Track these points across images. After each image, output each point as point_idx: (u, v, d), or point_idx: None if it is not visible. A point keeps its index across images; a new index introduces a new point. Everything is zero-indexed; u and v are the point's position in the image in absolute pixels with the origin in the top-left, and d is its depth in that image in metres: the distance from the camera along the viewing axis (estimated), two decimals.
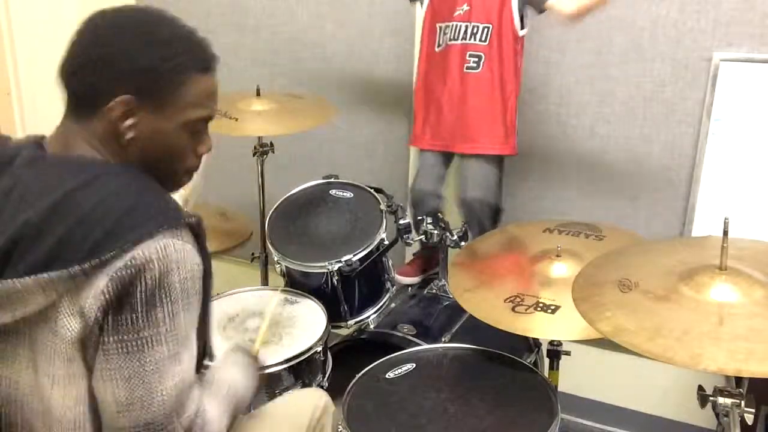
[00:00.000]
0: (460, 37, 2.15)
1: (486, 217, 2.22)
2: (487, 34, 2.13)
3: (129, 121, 1.03)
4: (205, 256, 1.02)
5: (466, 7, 2.13)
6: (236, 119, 2.14)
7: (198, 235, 1.02)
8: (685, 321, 1.16)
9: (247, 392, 1.24)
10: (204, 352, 1.13)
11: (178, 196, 2.17)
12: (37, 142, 1.09)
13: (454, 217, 2.27)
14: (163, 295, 0.94)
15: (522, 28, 2.16)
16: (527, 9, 2.16)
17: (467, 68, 2.16)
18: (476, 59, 2.15)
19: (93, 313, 0.92)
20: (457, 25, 2.15)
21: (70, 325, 0.93)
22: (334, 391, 1.68)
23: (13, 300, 0.92)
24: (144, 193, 1.00)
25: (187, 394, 1.00)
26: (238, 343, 1.39)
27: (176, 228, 0.97)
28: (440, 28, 2.20)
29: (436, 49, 2.22)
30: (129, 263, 0.92)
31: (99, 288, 0.92)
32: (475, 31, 2.13)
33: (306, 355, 1.77)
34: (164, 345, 0.96)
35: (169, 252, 0.94)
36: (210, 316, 1.10)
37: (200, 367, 1.11)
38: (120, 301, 0.92)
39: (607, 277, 1.34)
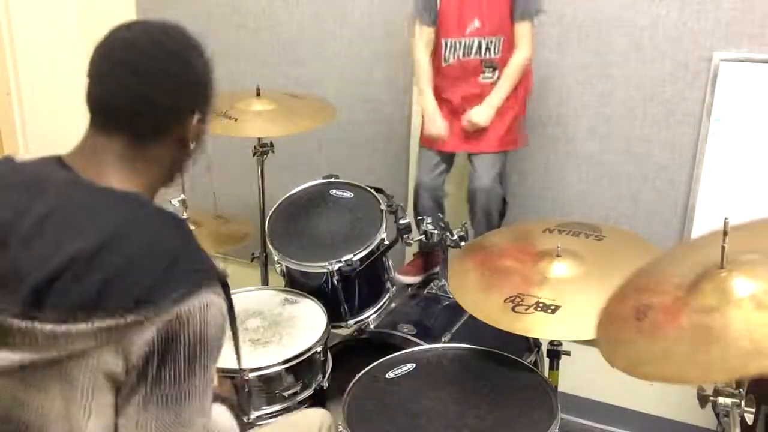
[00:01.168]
0: (474, 52, 2.16)
1: (494, 208, 2.22)
2: (499, 46, 2.15)
3: (196, 131, 1.09)
4: (231, 307, 1.04)
5: (477, 24, 2.13)
6: (236, 119, 2.14)
7: (227, 289, 1.03)
8: (691, 337, 1.15)
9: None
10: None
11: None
12: (59, 161, 1.06)
13: (454, 217, 2.27)
14: (202, 349, 0.97)
15: None
16: None
17: (483, 78, 2.18)
18: (491, 69, 2.17)
19: (135, 359, 0.93)
20: (470, 41, 2.15)
21: (113, 362, 0.93)
22: (334, 391, 1.68)
23: (61, 342, 0.91)
24: (189, 243, 1.00)
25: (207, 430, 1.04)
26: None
27: (214, 282, 0.99)
28: (449, 43, 2.18)
29: (444, 64, 2.21)
30: (176, 317, 0.93)
31: (146, 338, 0.92)
32: (489, 45, 2.14)
33: (306, 355, 1.77)
34: (198, 397, 0.99)
35: (210, 307, 0.96)
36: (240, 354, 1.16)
37: None
38: (164, 354, 0.94)
39: (624, 304, 1.32)
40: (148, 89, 1.02)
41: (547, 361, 1.87)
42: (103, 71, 1.03)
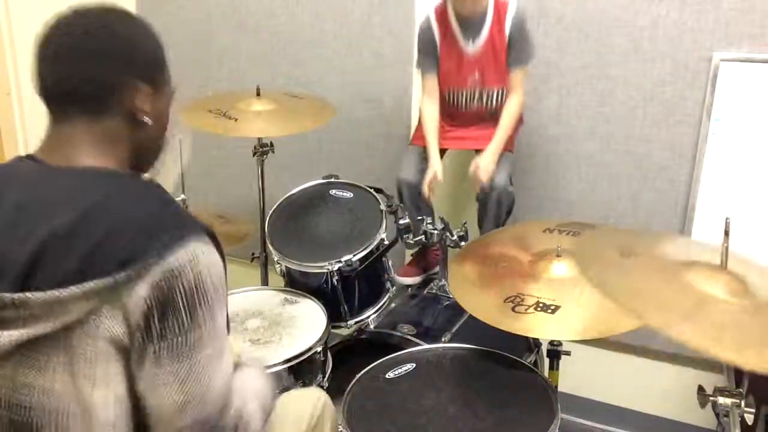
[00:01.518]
0: (476, 99, 2.18)
1: (505, 209, 2.20)
2: (501, 96, 2.16)
3: (146, 108, 1.10)
4: (223, 258, 1.07)
5: (477, 75, 2.14)
6: (236, 119, 2.14)
7: (216, 240, 1.06)
8: (668, 295, 1.18)
9: (271, 397, 1.28)
10: None
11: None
12: (28, 157, 1.09)
13: (454, 217, 2.27)
14: (201, 298, 0.99)
15: None
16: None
17: (486, 112, 2.21)
18: (494, 110, 2.19)
19: (135, 318, 0.95)
20: (471, 91, 2.17)
21: (112, 327, 0.95)
22: (334, 391, 1.68)
23: (55, 310, 0.93)
24: (166, 203, 1.05)
25: (230, 390, 1.06)
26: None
27: (201, 233, 1.01)
28: (452, 90, 2.20)
29: (447, 105, 2.22)
30: (166, 270, 0.95)
31: (140, 295, 0.94)
32: (490, 94, 2.16)
33: (306, 355, 1.77)
34: (209, 344, 1.01)
35: (200, 257, 0.99)
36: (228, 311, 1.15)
37: None
38: (163, 309, 0.96)
39: (613, 241, 1.35)
40: (82, 63, 1.05)
41: (547, 361, 1.87)
42: (42, 59, 1.07)
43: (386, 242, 2.07)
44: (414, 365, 1.70)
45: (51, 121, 1.09)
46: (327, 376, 1.86)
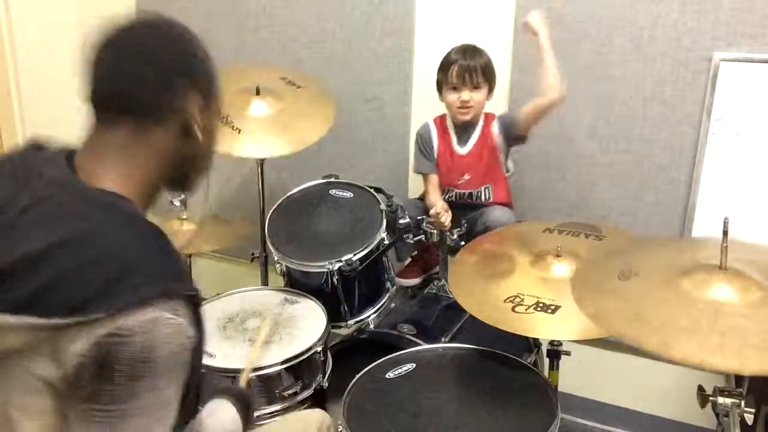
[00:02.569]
0: (466, 197, 2.30)
1: None
2: (489, 193, 2.29)
3: (201, 119, 1.07)
4: (200, 327, 0.99)
5: (467, 177, 2.28)
6: (239, 130, 2.14)
7: (195, 305, 0.97)
8: (667, 314, 1.18)
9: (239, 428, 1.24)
10: (190, 412, 1.11)
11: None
12: (68, 155, 1.05)
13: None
14: (146, 371, 0.90)
15: (507, 171, 2.34)
16: (510, 153, 2.31)
17: (478, 204, 2.30)
18: (483, 203, 2.30)
19: (69, 368, 0.89)
20: (461, 192, 2.30)
21: (46, 368, 0.90)
22: (334, 391, 1.68)
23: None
24: (149, 254, 0.96)
25: None
26: (223, 387, 1.38)
27: (171, 299, 0.92)
28: (447, 189, 2.32)
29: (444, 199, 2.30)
30: (112, 332, 0.87)
31: (78, 348, 0.88)
32: (478, 195, 2.29)
33: (306, 355, 1.77)
34: (143, 417, 0.93)
35: (158, 327, 0.90)
36: (200, 382, 1.08)
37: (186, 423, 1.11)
38: (100, 370, 0.89)
39: (611, 265, 1.36)
40: (140, 67, 1.03)
41: (547, 361, 1.87)
42: (95, 61, 1.04)
43: (386, 242, 2.07)
44: (414, 365, 1.70)
45: (93, 124, 1.05)
46: (327, 376, 1.86)
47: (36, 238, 0.92)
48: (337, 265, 1.97)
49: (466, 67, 2.16)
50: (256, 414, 1.68)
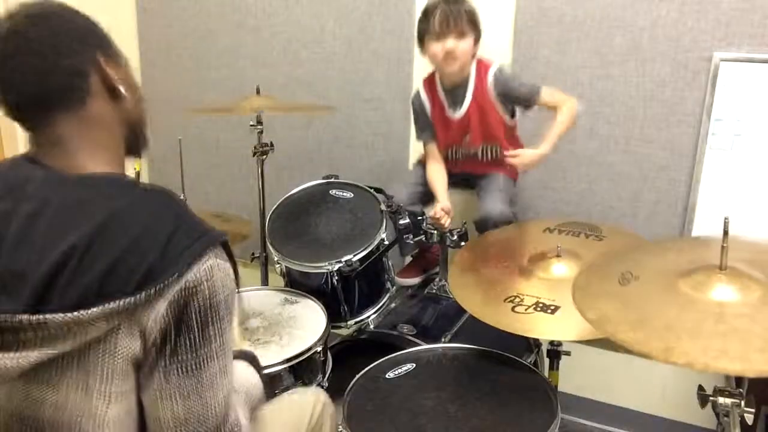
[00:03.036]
0: (472, 155, 2.24)
1: (501, 226, 2.18)
2: (496, 151, 2.22)
3: (117, 75, 1.07)
4: (236, 270, 1.06)
5: (468, 138, 2.21)
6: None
7: (229, 251, 1.05)
8: (669, 318, 1.18)
9: (260, 394, 1.30)
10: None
11: None
12: (30, 160, 1.06)
13: (454, 217, 2.27)
14: (214, 314, 0.99)
15: (513, 117, 2.23)
16: (516, 107, 2.21)
17: (488, 161, 2.24)
18: (495, 158, 2.23)
19: (153, 335, 0.95)
20: (467, 151, 2.23)
21: (130, 345, 0.95)
22: (334, 391, 1.67)
23: (74, 330, 0.92)
24: (182, 214, 1.02)
25: (230, 403, 1.05)
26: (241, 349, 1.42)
27: (215, 247, 1.00)
28: (450, 148, 2.25)
29: (449, 160, 2.26)
30: (184, 287, 0.95)
31: (160, 312, 0.94)
32: (485, 151, 2.22)
33: (306, 355, 1.77)
34: (216, 361, 1.01)
35: (215, 273, 0.98)
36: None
37: None
38: (178, 325, 0.96)
39: (611, 269, 1.36)
40: (43, 59, 1.02)
41: (547, 361, 1.87)
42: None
43: (386, 242, 2.07)
44: (414, 365, 1.70)
45: (32, 130, 1.06)
46: (327, 376, 1.86)
47: (69, 234, 0.94)
48: (336, 266, 1.97)
49: (449, 12, 2.03)
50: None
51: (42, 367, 0.94)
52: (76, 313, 0.90)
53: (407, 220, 2.09)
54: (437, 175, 2.21)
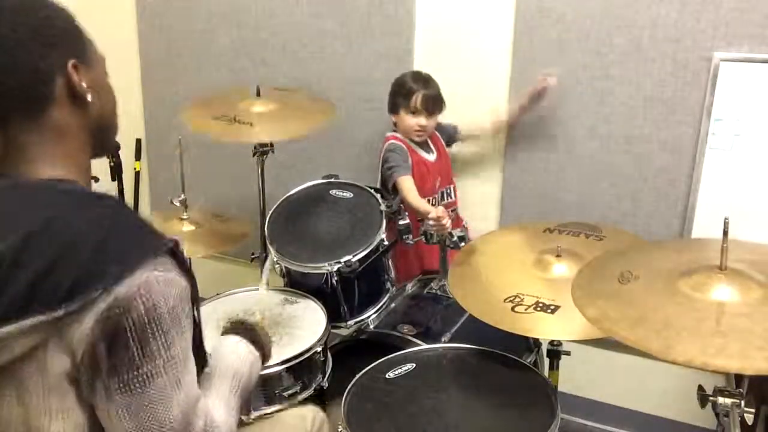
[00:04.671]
0: (439, 201, 2.44)
1: None
2: (453, 191, 2.51)
3: (84, 82, 1.02)
4: (189, 275, 1.01)
5: (438, 180, 2.44)
6: (251, 124, 2.15)
7: (177, 255, 0.99)
8: (669, 315, 1.18)
9: (252, 373, 1.25)
10: (202, 362, 1.12)
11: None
12: None
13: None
14: (155, 329, 0.93)
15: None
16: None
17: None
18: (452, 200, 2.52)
19: (81, 351, 0.90)
20: (438, 195, 2.45)
21: (60, 361, 0.91)
22: (334, 391, 1.68)
23: (1, 346, 0.89)
24: (118, 224, 0.97)
25: (192, 413, 1.00)
26: (229, 324, 1.37)
27: (154, 258, 0.94)
28: (429, 198, 2.41)
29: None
30: (113, 304, 0.90)
31: (85, 329, 0.89)
32: (448, 193, 2.49)
33: (306, 356, 1.77)
34: (164, 375, 0.96)
35: (153, 286, 0.92)
36: (201, 329, 1.09)
37: (200, 375, 1.11)
38: (110, 343, 0.91)
39: (611, 268, 1.36)
40: (1, 62, 0.97)
41: (547, 361, 1.87)
42: None
43: (386, 242, 2.06)
44: (414, 365, 1.70)
45: None
46: (327, 376, 1.86)
47: (2, 239, 0.91)
48: (336, 266, 1.96)
49: (429, 97, 2.35)
50: (256, 414, 1.69)
51: None
52: None
53: (407, 221, 2.09)
54: (420, 203, 2.29)
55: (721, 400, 1.27)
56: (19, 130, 1.00)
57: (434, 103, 2.37)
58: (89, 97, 1.03)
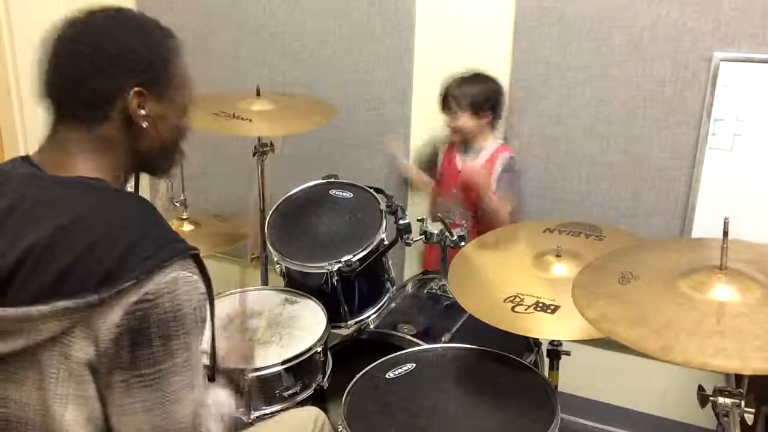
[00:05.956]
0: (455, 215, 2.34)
1: None
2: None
3: (143, 111, 1.06)
4: (208, 284, 1.04)
5: (459, 192, 2.36)
6: (250, 120, 2.15)
7: (200, 262, 1.02)
8: (668, 316, 1.18)
9: (233, 412, 1.25)
10: (213, 370, 1.15)
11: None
12: (24, 160, 1.08)
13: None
14: (178, 328, 0.96)
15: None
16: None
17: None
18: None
19: (106, 342, 0.93)
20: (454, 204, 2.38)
21: (83, 349, 0.93)
22: (334, 391, 1.68)
23: (25, 327, 0.91)
24: (151, 222, 1.01)
25: (200, 416, 1.03)
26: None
27: (184, 259, 0.98)
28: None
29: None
30: (143, 297, 0.92)
31: (113, 320, 0.92)
32: (465, 215, 2.35)
33: (306, 356, 1.77)
34: (181, 375, 0.98)
35: (180, 285, 0.95)
36: (215, 338, 1.13)
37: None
38: (135, 337, 0.93)
39: (611, 269, 1.36)
40: (73, 71, 1.04)
41: (547, 361, 1.87)
42: (42, 64, 1.06)
43: (386, 242, 2.06)
44: (414, 365, 1.70)
45: (50, 123, 1.08)
46: (327, 376, 1.86)
47: (35, 230, 0.94)
48: (336, 266, 1.96)
49: (447, 95, 2.32)
50: (256, 414, 1.69)
51: (4, 364, 0.94)
52: (25, 309, 0.90)
53: (407, 220, 2.09)
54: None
55: (721, 400, 1.27)
56: (68, 130, 1.06)
57: (451, 103, 2.31)
58: (144, 125, 1.07)
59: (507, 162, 2.34)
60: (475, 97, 2.30)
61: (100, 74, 1.03)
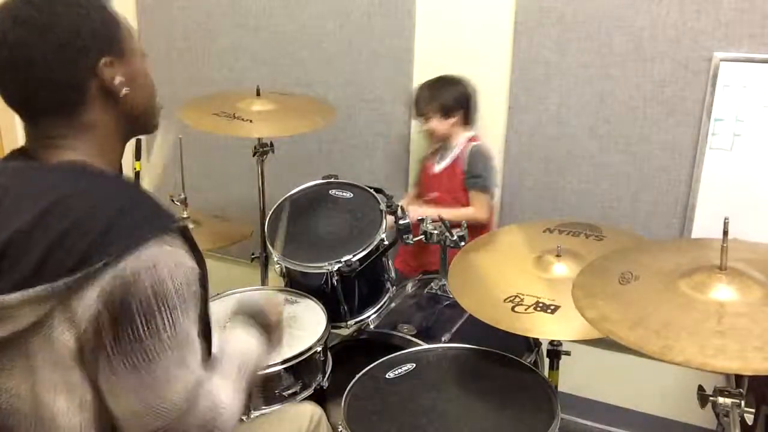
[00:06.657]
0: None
1: None
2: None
3: (119, 78, 1.04)
4: (199, 257, 1.02)
5: (434, 194, 2.43)
6: (250, 120, 2.15)
7: (187, 236, 1.01)
8: (668, 316, 1.18)
9: (261, 356, 1.23)
10: (209, 347, 1.13)
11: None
12: (22, 152, 1.07)
13: None
14: (160, 304, 0.93)
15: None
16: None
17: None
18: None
19: (85, 323, 0.91)
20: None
21: (64, 335, 0.92)
22: (334, 391, 1.68)
23: (3, 316, 0.91)
24: (131, 201, 0.99)
25: (196, 394, 1.00)
26: (240, 306, 1.33)
27: (165, 234, 0.95)
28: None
29: None
30: (118, 275, 0.91)
31: (89, 300, 0.91)
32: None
33: (306, 355, 1.77)
34: (168, 352, 0.95)
35: (161, 261, 0.93)
36: (210, 313, 1.10)
37: (206, 360, 1.11)
38: (115, 316, 0.92)
39: (611, 269, 1.36)
40: (33, 76, 0.99)
41: (547, 361, 1.87)
42: None
43: (386, 242, 2.06)
44: (414, 365, 1.70)
45: (27, 124, 1.06)
46: (327, 376, 1.86)
47: (19, 217, 0.94)
48: (336, 266, 1.96)
49: (416, 98, 2.40)
50: (256, 414, 1.68)
51: None
52: (7, 297, 0.90)
53: (407, 220, 2.09)
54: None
55: (721, 400, 1.27)
56: (51, 125, 1.04)
57: (419, 105, 2.38)
58: (124, 92, 1.05)
59: (472, 150, 2.38)
60: (444, 100, 2.36)
61: (62, 67, 0.99)
